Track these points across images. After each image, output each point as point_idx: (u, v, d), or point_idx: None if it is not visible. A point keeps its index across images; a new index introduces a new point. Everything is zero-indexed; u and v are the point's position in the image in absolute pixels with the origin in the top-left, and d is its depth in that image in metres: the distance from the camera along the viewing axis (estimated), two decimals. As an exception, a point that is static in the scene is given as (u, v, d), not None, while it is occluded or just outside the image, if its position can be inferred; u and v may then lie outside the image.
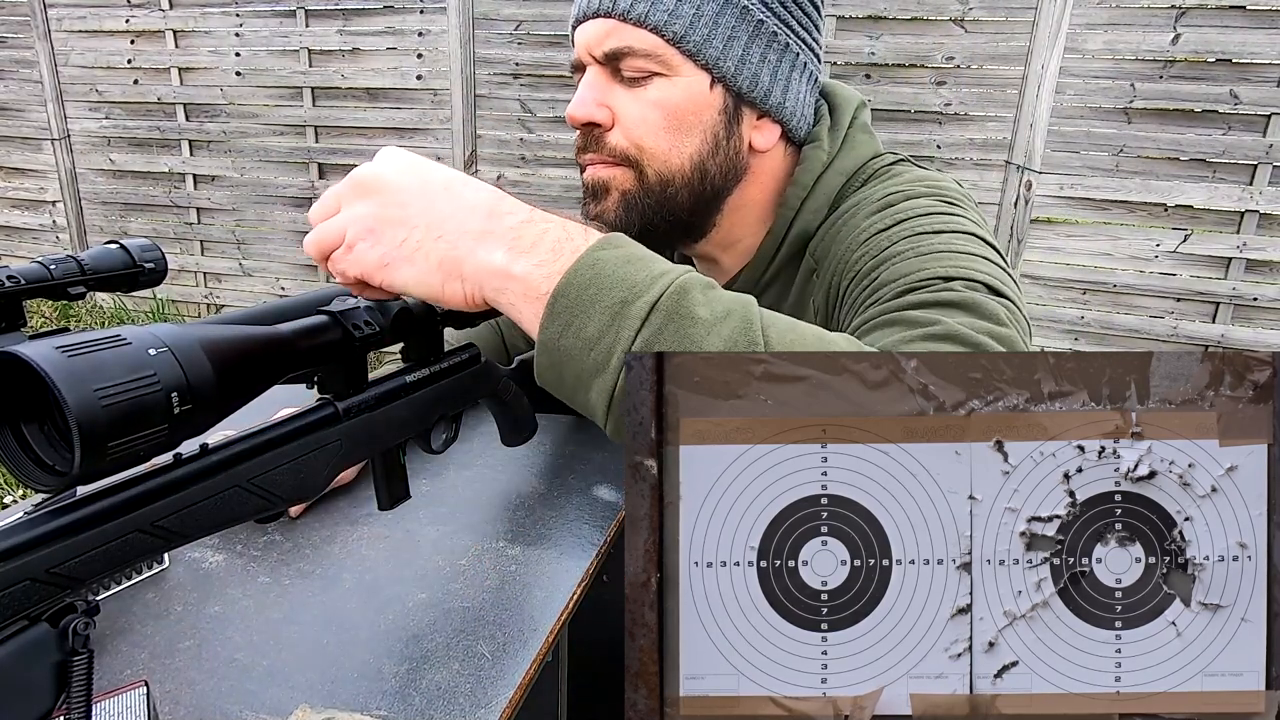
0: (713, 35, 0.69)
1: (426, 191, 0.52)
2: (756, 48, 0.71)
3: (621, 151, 0.73)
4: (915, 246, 0.63)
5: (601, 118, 0.72)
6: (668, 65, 0.70)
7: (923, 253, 0.62)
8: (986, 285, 0.59)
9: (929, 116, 2.73)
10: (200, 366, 0.46)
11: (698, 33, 0.69)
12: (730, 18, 0.70)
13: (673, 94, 0.70)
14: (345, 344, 0.62)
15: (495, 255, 0.51)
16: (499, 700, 0.62)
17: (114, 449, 0.41)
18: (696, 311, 0.48)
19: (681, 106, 0.71)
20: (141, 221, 3.80)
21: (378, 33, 3.21)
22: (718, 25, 0.69)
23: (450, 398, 0.79)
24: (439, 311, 0.75)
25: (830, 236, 0.74)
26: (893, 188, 0.72)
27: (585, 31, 0.72)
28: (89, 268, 0.80)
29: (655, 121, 0.71)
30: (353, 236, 0.52)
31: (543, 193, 3.18)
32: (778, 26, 0.72)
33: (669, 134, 0.71)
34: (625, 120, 0.72)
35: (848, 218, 0.73)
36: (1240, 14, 2.41)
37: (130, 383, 0.42)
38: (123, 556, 0.46)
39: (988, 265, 0.61)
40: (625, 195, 0.74)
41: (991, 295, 0.58)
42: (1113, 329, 2.74)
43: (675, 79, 0.70)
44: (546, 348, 0.50)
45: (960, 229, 0.65)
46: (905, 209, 0.68)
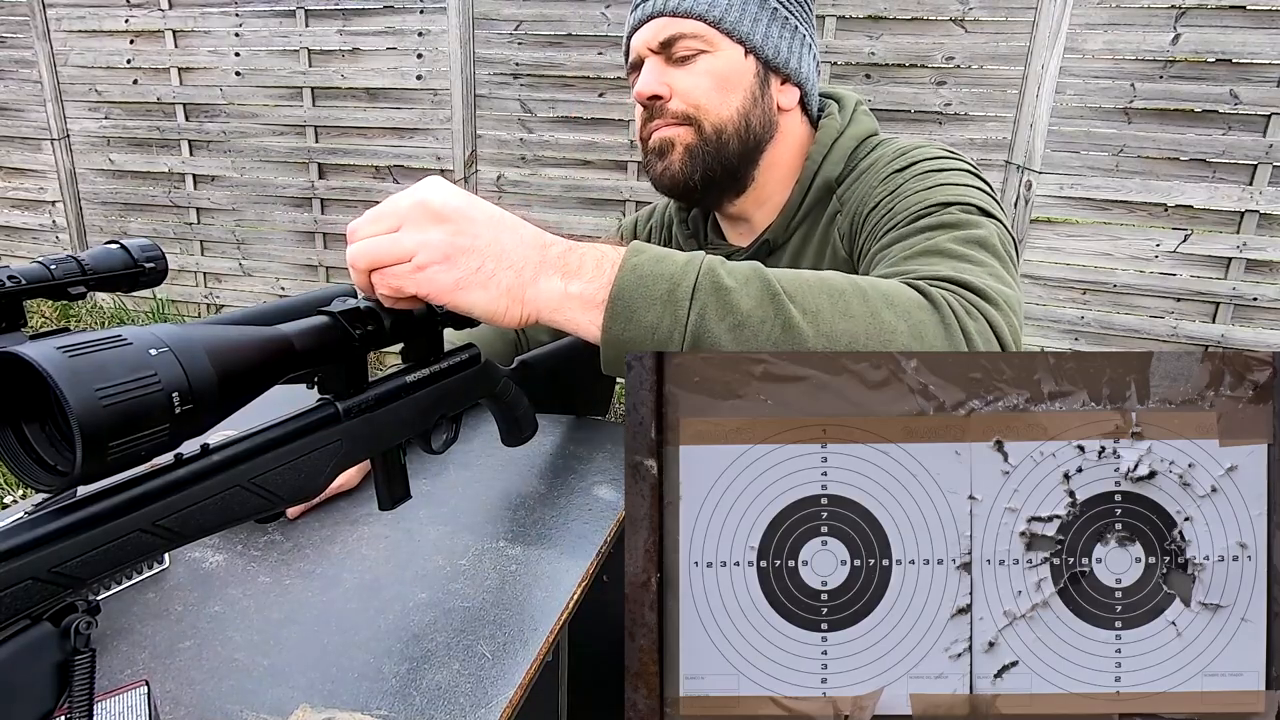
0: (743, 16, 0.88)
1: (492, 225, 0.58)
2: (775, 27, 0.90)
3: (681, 113, 0.89)
4: (923, 182, 0.80)
5: (663, 91, 0.89)
6: (710, 43, 0.87)
7: (929, 185, 0.79)
8: (978, 207, 0.76)
9: (929, 116, 2.73)
10: (201, 367, 0.46)
11: (731, 14, 0.87)
12: (753, 4, 0.88)
13: (717, 64, 0.88)
14: (345, 344, 0.62)
15: (553, 282, 0.59)
16: (499, 700, 0.62)
17: (115, 449, 0.41)
18: (725, 282, 0.58)
19: (725, 72, 0.88)
20: (141, 221, 3.80)
21: (378, 33, 3.21)
22: (745, 9, 0.88)
23: (450, 398, 0.79)
24: (439, 312, 0.75)
25: (854, 183, 0.90)
26: (908, 144, 0.89)
27: (641, 34, 0.90)
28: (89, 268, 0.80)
29: (707, 86, 0.88)
30: (425, 259, 0.57)
31: (543, 193, 3.18)
32: (787, 12, 0.90)
33: (719, 93, 0.88)
34: (681, 89, 0.89)
35: (869, 167, 0.89)
36: (1240, 14, 2.41)
37: (131, 383, 0.42)
38: (124, 556, 0.46)
39: (979, 194, 0.79)
40: (688, 148, 0.90)
41: (980, 215, 0.75)
42: (1113, 329, 2.74)
43: (718, 53, 0.88)
44: (613, 343, 0.58)
45: (960, 168, 0.83)
46: (917, 154, 0.85)
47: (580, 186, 3.14)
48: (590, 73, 3.01)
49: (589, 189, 3.13)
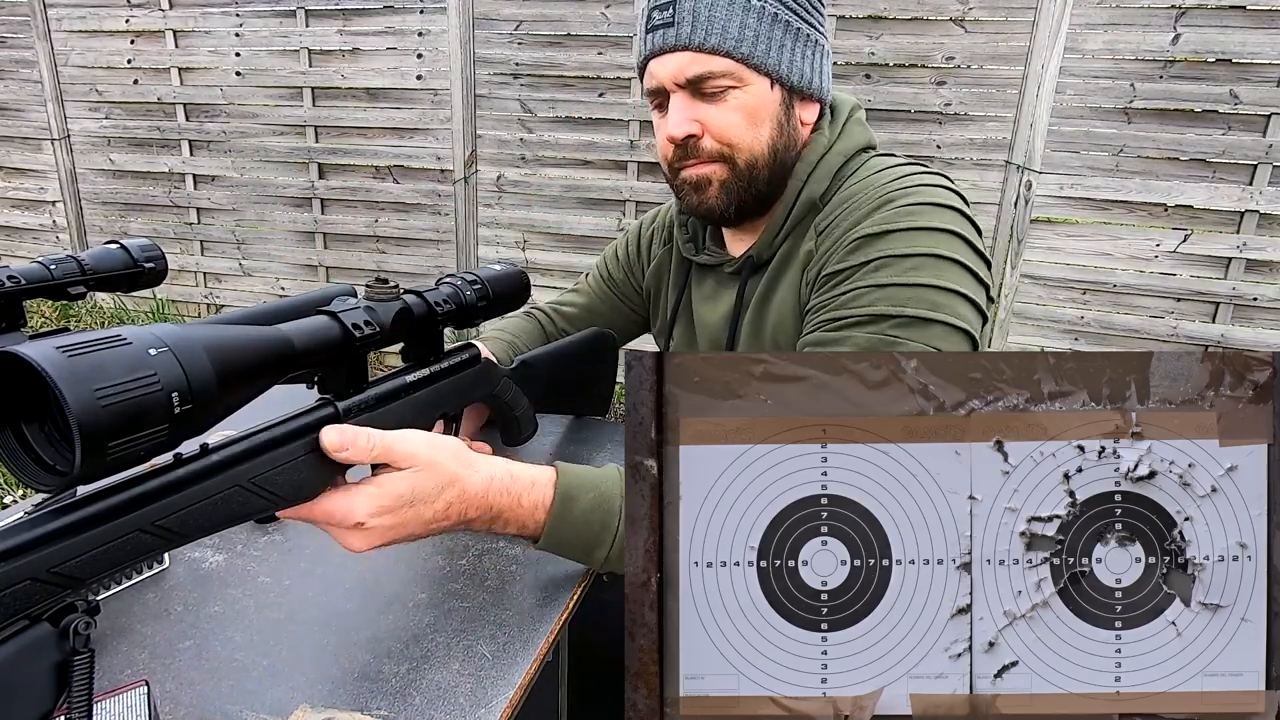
0: (769, 48, 0.86)
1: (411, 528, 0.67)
2: (796, 47, 0.89)
3: (715, 151, 0.89)
4: (874, 278, 0.80)
5: (695, 129, 0.88)
6: (740, 79, 0.86)
7: (877, 283, 0.80)
8: (913, 317, 0.77)
9: (929, 116, 2.73)
10: (201, 367, 0.46)
11: (758, 49, 0.86)
12: (775, 29, 0.87)
13: (747, 100, 0.87)
14: (345, 344, 0.62)
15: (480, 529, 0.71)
16: (499, 700, 0.62)
17: (115, 449, 0.41)
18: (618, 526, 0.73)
19: (755, 107, 0.88)
20: (141, 221, 3.80)
21: (378, 33, 3.21)
22: (770, 39, 0.86)
23: (450, 397, 0.79)
24: (440, 312, 0.75)
25: (833, 220, 0.88)
26: (892, 186, 0.85)
27: (665, 64, 0.88)
28: (89, 268, 0.80)
29: (739, 123, 0.88)
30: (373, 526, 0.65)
31: (543, 193, 3.18)
32: (801, 24, 0.89)
33: (750, 129, 0.88)
34: (714, 127, 0.88)
35: (851, 207, 0.87)
36: (1240, 14, 2.41)
37: (131, 383, 0.42)
38: (124, 556, 0.46)
39: (932, 294, 0.78)
40: (723, 184, 0.91)
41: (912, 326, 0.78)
42: (1113, 329, 2.74)
43: (747, 87, 0.87)
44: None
45: (926, 253, 0.80)
46: (891, 221, 0.82)
47: (580, 186, 3.14)
48: (590, 73, 3.01)
49: (589, 189, 3.13)
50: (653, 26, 0.88)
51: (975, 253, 0.83)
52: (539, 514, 0.71)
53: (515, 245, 3.27)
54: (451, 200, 3.28)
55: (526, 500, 0.71)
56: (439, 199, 3.31)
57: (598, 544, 0.72)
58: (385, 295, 0.69)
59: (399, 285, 0.71)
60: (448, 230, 3.33)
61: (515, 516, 0.70)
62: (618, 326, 1.23)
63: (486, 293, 0.83)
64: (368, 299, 0.68)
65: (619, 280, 1.22)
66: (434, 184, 3.31)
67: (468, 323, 0.81)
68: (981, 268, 0.83)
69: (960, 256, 0.81)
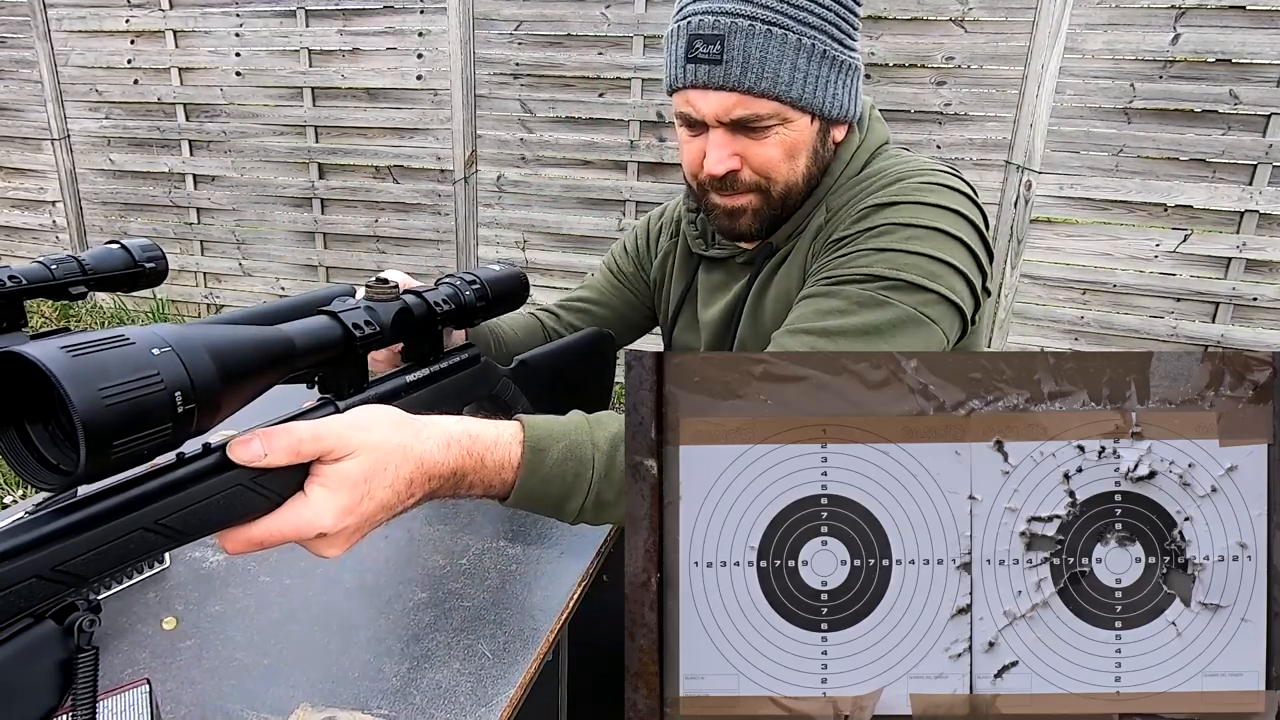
0: (816, 87, 0.86)
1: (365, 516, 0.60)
2: (838, 80, 0.89)
3: (752, 183, 0.90)
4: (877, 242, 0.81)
5: (735, 165, 0.89)
6: (785, 118, 0.86)
7: (878, 248, 0.81)
8: (909, 283, 0.79)
9: (929, 116, 2.73)
10: (204, 366, 0.46)
11: (805, 89, 0.86)
12: (817, 65, 0.86)
13: (789, 136, 0.88)
14: (346, 344, 0.62)
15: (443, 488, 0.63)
16: (499, 700, 0.62)
17: (119, 448, 0.41)
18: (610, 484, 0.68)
19: (795, 141, 0.89)
20: (141, 221, 3.80)
21: (378, 33, 3.21)
22: (814, 76, 0.86)
23: (450, 397, 0.80)
24: (439, 312, 0.75)
25: (843, 197, 0.91)
26: (905, 168, 0.88)
27: (709, 101, 0.86)
28: (90, 268, 0.80)
29: (778, 157, 0.89)
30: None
31: (543, 193, 3.18)
32: (843, 53, 0.88)
33: (787, 162, 0.89)
34: (755, 162, 0.89)
35: (864, 186, 0.89)
36: (1240, 14, 2.41)
37: (134, 382, 0.42)
38: (127, 554, 0.46)
39: (930, 264, 0.80)
40: (757, 212, 0.92)
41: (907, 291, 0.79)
42: (1113, 329, 2.74)
43: (790, 124, 0.87)
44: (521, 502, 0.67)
45: (931, 227, 0.82)
46: (902, 193, 0.84)
47: (580, 186, 3.14)
48: (590, 73, 3.01)
49: (589, 189, 3.13)
50: (697, 59, 0.85)
51: (979, 238, 0.84)
52: (506, 473, 0.66)
53: (515, 245, 3.27)
54: (451, 200, 3.29)
55: (491, 459, 0.66)
56: (439, 199, 3.31)
57: (571, 494, 0.68)
58: (385, 295, 0.69)
59: (398, 285, 0.71)
60: (448, 230, 3.33)
61: (480, 478, 0.65)
62: (626, 320, 1.24)
63: (485, 293, 0.83)
64: (368, 299, 0.68)
65: (629, 274, 1.23)
66: (434, 184, 3.31)
67: (467, 323, 0.81)
68: (983, 254, 0.85)
69: (964, 236, 0.82)
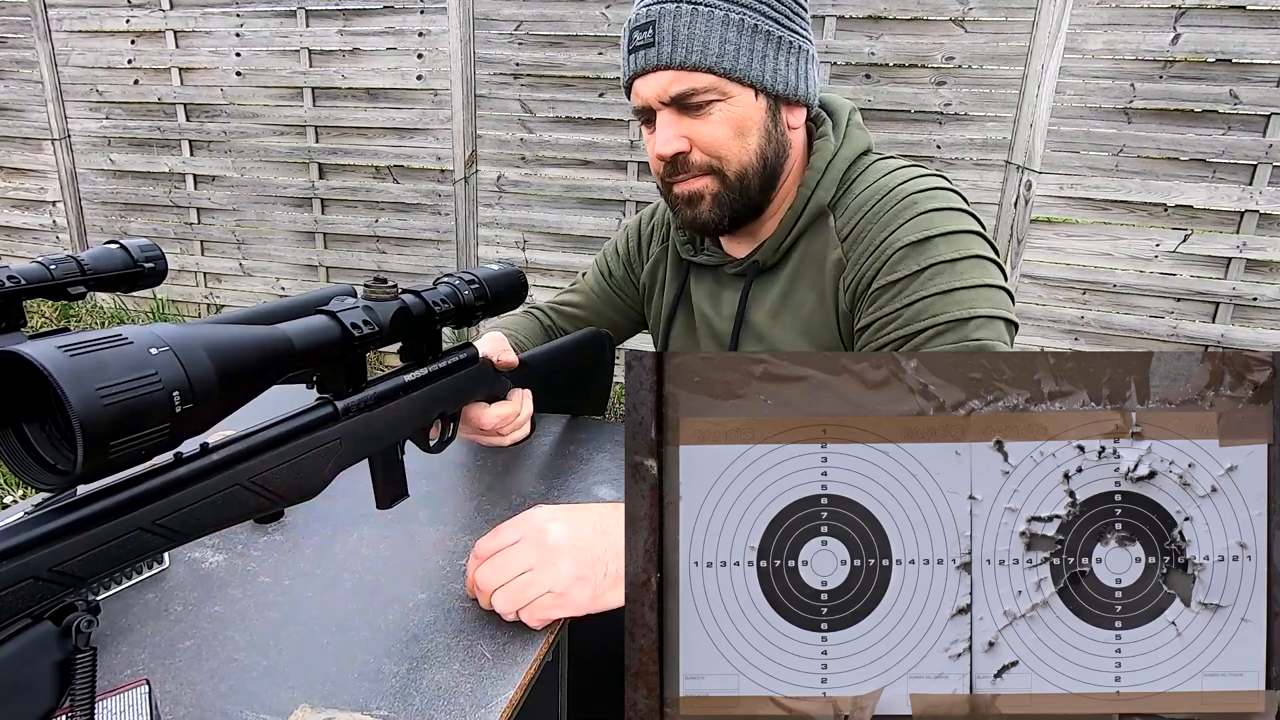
0: (751, 60, 0.87)
1: (600, 532, 0.70)
2: (779, 55, 0.89)
3: (705, 164, 0.91)
4: (935, 284, 0.82)
5: (685, 147, 0.90)
6: (724, 92, 0.87)
7: (940, 291, 0.82)
8: (986, 316, 0.80)
9: (929, 116, 2.73)
10: (202, 366, 0.46)
11: (740, 62, 0.86)
12: (756, 40, 0.87)
13: (733, 112, 0.88)
14: (344, 344, 0.62)
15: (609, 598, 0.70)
16: (499, 700, 0.62)
17: (116, 448, 0.41)
18: None
19: (740, 118, 0.89)
20: (141, 221, 3.80)
21: (378, 33, 3.21)
22: (751, 50, 0.87)
23: (448, 397, 0.79)
24: (438, 312, 0.75)
25: (858, 226, 0.90)
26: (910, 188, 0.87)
27: (648, 84, 0.89)
28: (89, 268, 0.80)
29: (725, 135, 0.89)
30: (564, 588, 0.68)
31: (543, 193, 3.18)
32: (783, 32, 0.89)
33: (737, 140, 0.89)
34: (702, 140, 0.90)
35: (875, 212, 0.89)
36: (1240, 14, 2.41)
37: (132, 382, 0.42)
38: (125, 555, 0.46)
39: (990, 293, 0.82)
40: (715, 196, 0.92)
41: (985, 322, 0.80)
42: (1113, 329, 2.74)
43: (731, 100, 0.88)
44: None
45: (971, 253, 0.83)
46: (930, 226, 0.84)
47: (580, 186, 3.14)
48: (590, 73, 3.01)
49: (589, 189, 3.13)
50: (634, 48, 0.89)
51: (994, 249, 0.87)
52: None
53: (515, 245, 3.27)
54: (451, 200, 3.28)
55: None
56: (439, 199, 3.31)
57: None
58: (384, 295, 0.69)
59: (397, 285, 0.71)
60: (448, 230, 3.33)
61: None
62: (616, 324, 1.24)
63: (484, 292, 0.83)
64: (366, 299, 0.68)
65: (618, 277, 1.22)
66: (434, 184, 3.31)
67: (466, 322, 0.81)
68: (1002, 262, 0.87)
69: (993, 256, 0.85)
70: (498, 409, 0.91)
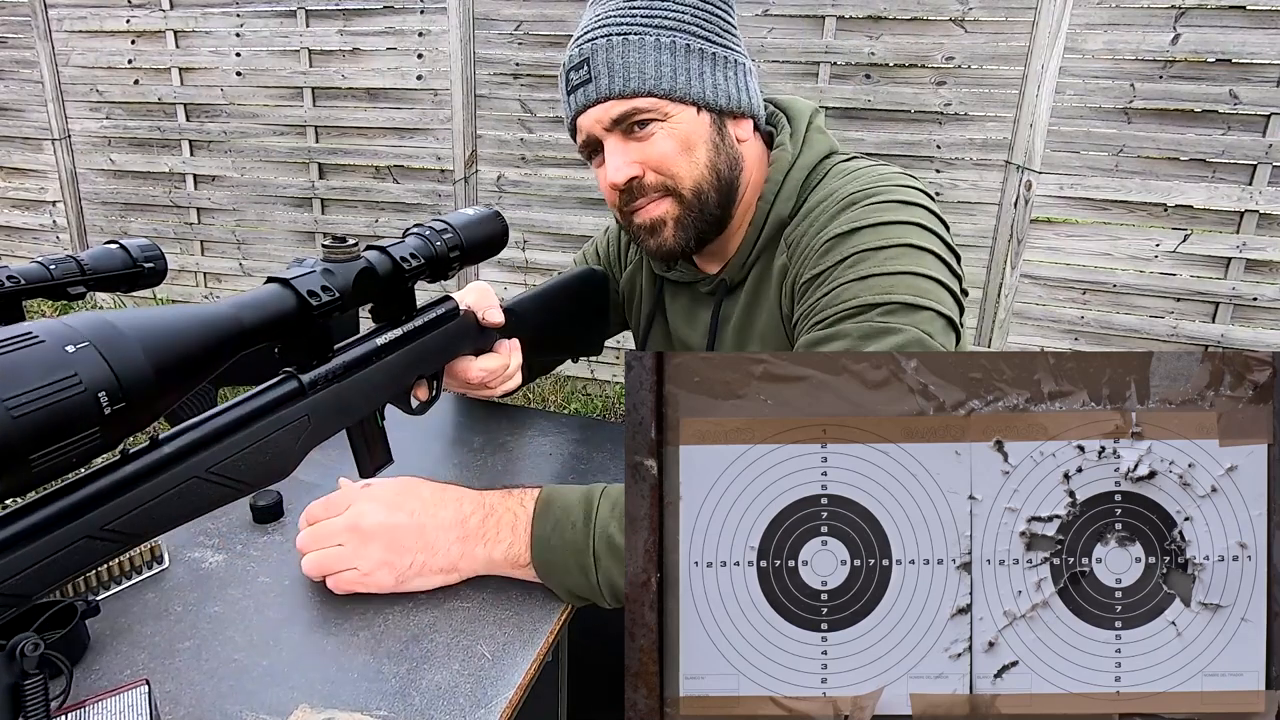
0: (689, 78, 0.88)
1: (416, 528, 0.72)
2: (717, 72, 0.90)
3: (659, 184, 0.90)
4: (854, 271, 0.80)
5: (637, 171, 0.90)
6: (664, 113, 0.88)
7: (859, 277, 0.79)
8: (902, 304, 0.76)
9: (929, 116, 2.73)
10: (131, 359, 0.41)
11: (678, 81, 0.87)
12: (690, 59, 0.88)
13: (676, 130, 0.89)
14: (301, 314, 0.57)
15: (478, 550, 0.73)
16: (499, 700, 0.62)
17: (38, 461, 0.37)
18: (618, 540, 0.70)
19: (685, 134, 0.89)
20: (141, 221, 3.80)
21: (378, 33, 3.20)
22: (688, 69, 0.88)
23: (428, 357, 0.74)
24: (407, 268, 0.70)
25: (800, 229, 0.89)
26: (854, 187, 0.86)
27: (590, 117, 0.89)
28: (89, 268, 0.80)
29: (674, 151, 0.89)
30: (368, 569, 0.71)
31: (542, 193, 3.18)
32: (716, 49, 0.90)
33: (685, 156, 0.89)
34: (652, 161, 0.89)
35: (816, 214, 0.88)
36: (1240, 14, 2.41)
37: (47, 387, 0.37)
38: (74, 565, 0.43)
39: (916, 281, 0.78)
40: (677, 220, 0.92)
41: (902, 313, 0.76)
42: (1113, 329, 2.74)
43: (673, 119, 0.88)
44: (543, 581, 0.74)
45: (899, 243, 0.80)
46: (859, 218, 0.82)
47: (580, 186, 3.14)
48: (590, 73, 3.01)
49: (589, 189, 3.13)
50: (573, 87, 0.90)
51: (945, 245, 0.83)
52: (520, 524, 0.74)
53: (515, 245, 3.27)
54: (451, 200, 3.28)
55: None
56: (439, 199, 3.31)
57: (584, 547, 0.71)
58: (344, 255, 0.63)
59: (359, 243, 0.65)
60: (448, 230, 3.33)
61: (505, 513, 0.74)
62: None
63: (459, 241, 0.76)
64: (325, 260, 0.62)
65: None
66: (434, 184, 3.31)
67: (441, 275, 0.75)
68: (953, 260, 0.83)
69: (933, 247, 0.81)
70: (484, 362, 0.89)
